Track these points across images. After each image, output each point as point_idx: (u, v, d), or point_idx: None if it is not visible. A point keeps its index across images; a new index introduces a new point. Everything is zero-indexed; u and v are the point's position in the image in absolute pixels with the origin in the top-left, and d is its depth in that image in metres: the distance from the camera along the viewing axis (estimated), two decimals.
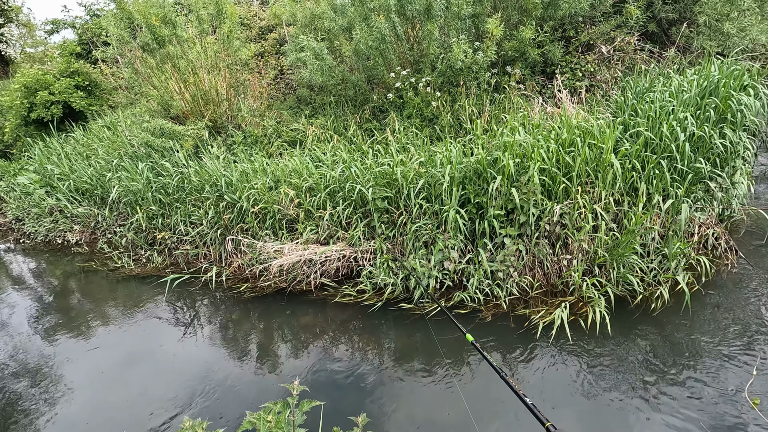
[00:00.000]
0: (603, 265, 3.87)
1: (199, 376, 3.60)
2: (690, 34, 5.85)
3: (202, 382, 3.53)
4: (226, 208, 4.83)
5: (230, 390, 3.41)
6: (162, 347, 4.00)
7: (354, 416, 1.86)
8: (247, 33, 9.54)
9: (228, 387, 3.45)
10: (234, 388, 3.43)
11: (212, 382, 3.53)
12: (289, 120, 6.22)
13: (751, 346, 3.21)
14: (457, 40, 5.12)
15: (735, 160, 4.30)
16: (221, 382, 3.52)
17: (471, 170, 4.12)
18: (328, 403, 3.20)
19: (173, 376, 3.62)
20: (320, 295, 4.34)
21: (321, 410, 2.53)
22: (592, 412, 2.88)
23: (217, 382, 3.53)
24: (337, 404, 3.20)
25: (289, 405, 1.41)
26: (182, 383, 3.55)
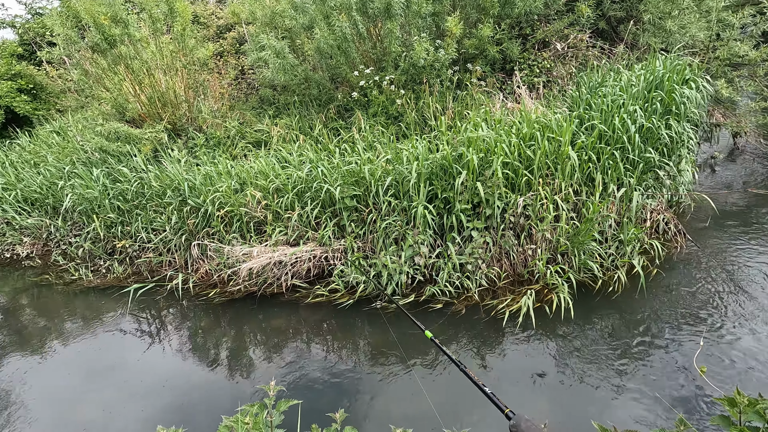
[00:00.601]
0: (565, 253, 4.04)
1: (168, 388, 3.50)
2: (637, 31, 6.19)
3: (172, 394, 3.43)
4: (190, 212, 4.70)
5: (203, 399, 3.34)
6: (127, 361, 3.85)
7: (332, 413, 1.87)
8: (204, 32, 9.25)
9: (200, 396, 3.37)
10: (207, 397, 3.35)
11: (183, 392, 3.44)
12: (253, 121, 6.11)
13: (699, 319, 3.45)
14: (418, 38, 5.18)
15: (680, 149, 4.60)
16: (192, 391, 3.43)
17: (437, 166, 4.20)
18: (305, 404, 3.19)
19: (140, 390, 3.49)
20: (292, 296, 4.30)
21: (299, 409, 2.52)
22: (559, 390, 3.01)
23: (187, 391, 3.43)
24: (314, 404, 3.19)
25: (266, 406, 1.40)
26: (150, 396, 3.43)
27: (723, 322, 3.40)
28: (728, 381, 2.89)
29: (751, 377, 2.89)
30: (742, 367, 2.98)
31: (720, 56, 5.53)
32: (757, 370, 2.94)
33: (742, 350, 3.12)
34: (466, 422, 2.83)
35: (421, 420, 2.96)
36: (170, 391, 3.46)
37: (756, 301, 3.57)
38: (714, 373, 2.95)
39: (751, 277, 3.87)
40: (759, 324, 3.34)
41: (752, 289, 3.72)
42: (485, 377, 3.25)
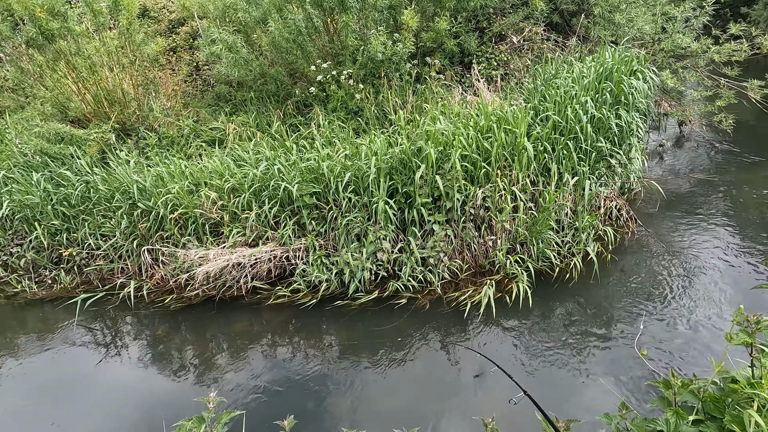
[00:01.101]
0: (524, 243, 4.12)
1: (123, 401, 3.33)
2: (588, 24, 6.37)
3: (127, 408, 3.27)
4: (141, 216, 4.47)
5: (161, 412, 3.19)
6: (77, 374, 3.64)
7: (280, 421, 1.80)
8: (155, 26, 8.83)
9: (158, 409, 3.23)
10: (166, 410, 3.21)
11: (138, 406, 3.28)
12: (208, 118, 5.88)
13: (646, 303, 3.60)
14: (375, 32, 5.12)
15: (630, 138, 4.77)
16: (148, 404, 3.28)
17: (397, 161, 4.17)
18: (271, 408, 3.11)
19: (91, 405, 3.31)
20: (253, 299, 4.19)
21: (243, 420, 2.46)
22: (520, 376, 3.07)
23: (143, 405, 3.28)
24: (281, 408, 3.12)
25: (205, 420, 1.33)
26: (102, 411, 3.26)
27: (668, 305, 3.56)
28: (670, 362, 3.02)
29: (691, 357, 3.04)
30: (683, 347, 3.13)
31: (665, 48, 5.77)
32: (696, 350, 3.09)
33: (683, 331, 3.28)
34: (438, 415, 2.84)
35: (386, 415, 2.94)
36: (125, 405, 3.29)
37: (699, 283, 3.76)
38: (657, 354, 3.08)
39: (695, 259, 4.07)
40: (701, 305, 3.52)
41: (696, 271, 3.92)
42: (448, 369, 3.26)
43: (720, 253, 4.10)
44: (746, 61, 5.73)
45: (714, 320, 3.32)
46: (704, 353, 3.02)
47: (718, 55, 5.57)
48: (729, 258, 4.02)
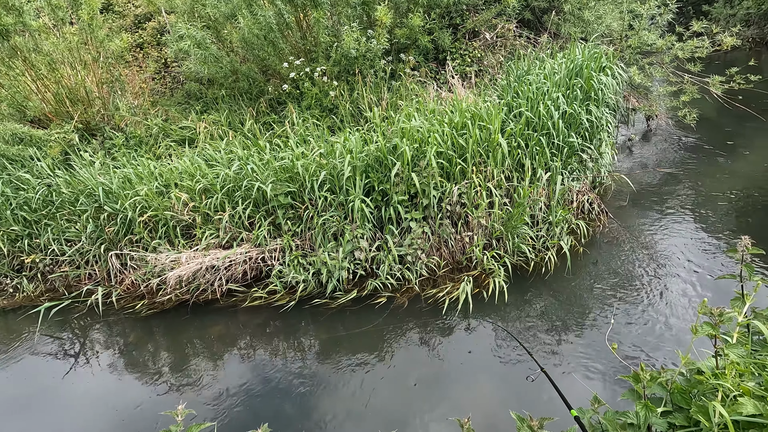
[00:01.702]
0: (500, 238, 4.17)
1: (91, 414, 3.20)
2: (559, 21, 6.47)
3: (95, 420, 3.14)
4: (109, 219, 4.30)
5: (134, 424, 3.08)
6: (42, 387, 3.48)
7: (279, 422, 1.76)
8: (120, 21, 8.49)
9: (130, 421, 3.11)
10: (138, 422, 3.10)
11: (108, 418, 3.16)
12: (178, 117, 5.70)
13: (619, 294, 3.70)
14: (348, 28, 5.06)
15: (600, 133, 4.88)
16: (118, 416, 3.16)
17: (372, 158, 4.14)
18: (249, 414, 3.05)
19: (57, 419, 3.17)
20: (228, 302, 4.09)
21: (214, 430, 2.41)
22: (497, 371, 3.11)
23: (112, 417, 3.16)
24: (259, 413, 3.06)
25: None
26: (69, 425, 3.12)
27: (638, 296, 3.67)
28: (641, 354, 3.12)
29: (660, 348, 3.14)
30: (653, 339, 3.23)
31: (632, 45, 5.92)
32: (665, 341, 3.20)
33: (653, 323, 3.38)
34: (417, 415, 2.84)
35: (369, 418, 2.93)
36: (93, 419, 3.17)
37: (668, 274, 3.89)
38: (628, 347, 3.17)
39: (664, 250, 4.21)
40: (670, 296, 3.63)
41: (665, 262, 4.05)
42: (428, 365, 3.27)
43: (687, 244, 4.25)
44: (708, 58, 5.94)
45: (682, 311, 3.43)
46: (673, 344, 3.12)
47: (682, 51, 5.75)
48: (695, 249, 4.17)
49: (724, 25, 9.61)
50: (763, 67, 9.53)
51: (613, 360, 3.00)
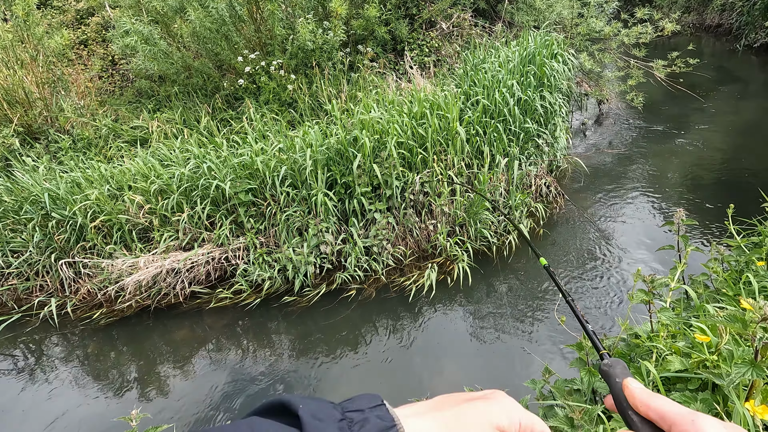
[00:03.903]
0: (463, 225, 4.26)
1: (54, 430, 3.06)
2: (512, 10, 6.61)
3: None
4: (57, 227, 4.09)
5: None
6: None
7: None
8: (60, 17, 8.00)
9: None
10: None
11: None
12: (129, 116, 5.46)
13: (575, 271, 3.87)
14: (303, 19, 4.99)
15: (555, 118, 5.05)
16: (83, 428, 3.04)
17: (333, 151, 4.12)
18: (220, 416, 3.00)
19: None
20: (193, 304, 3.99)
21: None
22: (468, 350, 3.20)
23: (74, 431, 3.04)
24: (230, 415, 3.02)
25: None
26: None
27: (593, 271, 3.85)
28: (593, 324, 3.28)
29: (611, 317, 3.32)
30: (604, 309, 3.41)
31: (581, 32, 6.13)
32: (617, 311, 3.38)
33: (605, 293, 3.57)
34: None
35: None
36: None
37: (620, 248, 4.10)
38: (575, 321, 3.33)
39: (617, 227, 4.43)
40: (622, 268, 3.84)
41: (617, 238, 4.26)
42: (399, 352, 3.32)
43: (638, 219, 4.49)
44: (652, 43, 6.24)
45: (632, 282, 3.63)
46: (623, 313, 3.30)
47: (627, 37, 6.01)
48: (645, 223, 4.42)
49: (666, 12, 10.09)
50: (702, 51, 10.11)
51: (564, 331, 3.15)
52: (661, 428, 0.44)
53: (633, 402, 0.47)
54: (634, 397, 0.47)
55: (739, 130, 6.26)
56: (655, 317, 1.39)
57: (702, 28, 11.51)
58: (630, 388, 0.48)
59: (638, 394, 0.47)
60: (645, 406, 0.46)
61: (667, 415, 0.43)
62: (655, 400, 0.45)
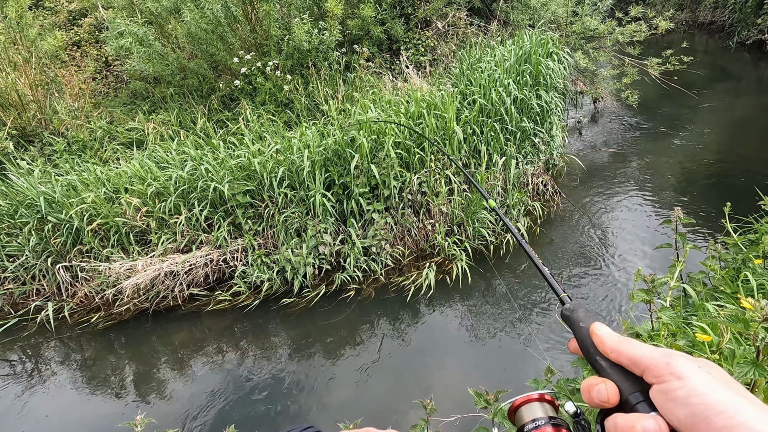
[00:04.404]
0: (461, 224, 4.27)
1: None
2: (507, 9, 6.63)
3: None
4: (54, 230, 4.06)
5: None
6: None
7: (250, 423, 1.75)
8: (52, 18, 7.93)
9: None
10: None
11: None
12: (124, 118, 5.43)
13: (573, 269, 3.90)
14: (299, 20, 4.97)
15: (551, 116, 5.07)
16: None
17: (331, 152, 4.12)
18: (219, 418, 3.00)
19: None
20: (191, 307, 3.98)
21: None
22: (468, 349, 3.21)
23: None
24: (229, 417, 3.01)
25: None
26: None
27: (591, 269, 3.88)
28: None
29: (611, 316, 3.34)
30: (603, 307, 3.43)
31: (576, 30, 6.16)
32: (616, 309, 3.41)
33: (604, 292, 3.59)
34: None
35: (341, 410, 2.95)
36: None
37: (617, 246, 4.13)
38: None
39: (614, 225, 4.45)
40: (620, 266, 3.86)
41: (614, 236, 4.29)
42: (398, 352, 3.33)
43: (635, 217, 4.52)
44: (646, 41, 6.27)
45: (630, 280, 3.66)
46: (622, 312, 3.33)
47: (622, 35, 6.04)
48: (643, 222, 4.44)
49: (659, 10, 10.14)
50: (695, 48, 10.17)
51: (564, 330, 3.17)
52: (634, 373, 0.42)
53: (602, 348, 0.44)
54: (603, 342, 0.44)
55: (733, 127, 6.31)
56: (655, 316, 1.40)
57: (695, 26, 11.59)
58: (598, 333, 0.45)
59: (607, 340, 0.44)
60: (615, 352, 0.43)
61: (639, 359, 0.41)
62: (626, 345, 0.43)
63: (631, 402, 0.41)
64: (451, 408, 2.46)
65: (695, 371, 0.38)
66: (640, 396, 0.41)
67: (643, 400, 0.40)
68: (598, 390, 0.42)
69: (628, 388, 0.42)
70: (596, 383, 0.43)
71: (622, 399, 0.42)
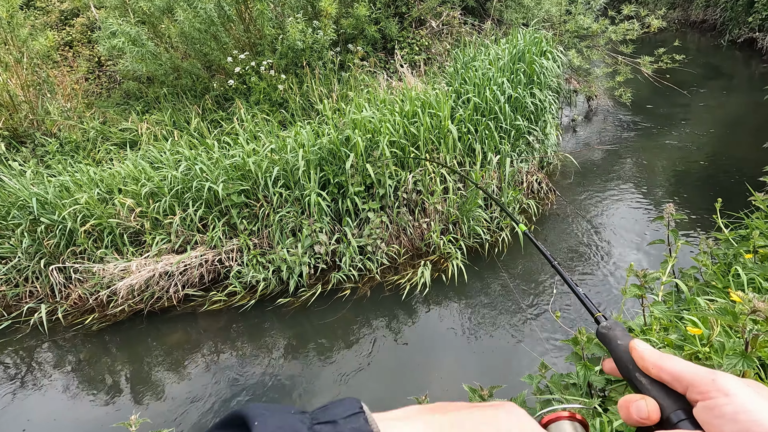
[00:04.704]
0: (456, 222, 4.28)
1: None
2: (501, 7, 6.64)
3: None
4: (47, 231, 4.03)
5: None
6: None
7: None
8: (44, 18, 7.86)
9: None
10: None
11: None
12: (117, 119, 5.40)
13: (568, 266, 3.92)
14: (293, 19, 4.96)
15: (545, 115, 5.09)
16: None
17: (326, 151, 4.11)
18: (216, 418, 2.99)
19: None
20: (186, 307, 3.97)
21: None
22: (464, 347, 3.22)
23: None
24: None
25: None
26: None
27: (585, 266, 3.90)
28: (586, 319, 3.33)
29: (605, 311, 3.37)
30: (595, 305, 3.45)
31: (570, 29, 6.19)
32: (610, 305, 3.43)
33: (597, 288, 3.62)
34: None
35: None
36: None
37: (611, 243, 4.15)
38: (576, 313, 3.38)
39: (607, 222, 4.48)
40: (613, 263, 3.89)
41: (608, 233, 4.32)
42: (395, 350, 3.34)
43: (628, 214, 4.55)
44: (639, 39, 6.32)
45: (622, 275, 3.68)
46: (616, 307, 3.35)
47: (615, 34, 6.08)
48: (634, 218, 4.48)
49: (651, 8, 10.21)
50: (687, 46, 10.25)
51: (559, 327, 3.19)
52: (676, 390, 0.41)
53: (643, 364, 0.43)
54: (644, 358, 0.44)
55: (725, 125, 6.37)
56: (648, 311, 1.41)
57: (687, 24, 11.68)
58: (639, 349, 0.45)
59: (648, 356, 0.43)
60: (657, 368, 0.42)
61: (682, 375, 0.40)
62: (668, 360, 0.42)
63: (672, 420, 0.40)
64: None
65: (742, 388, 0.37)
66: (682, 414, 0.39)
67: (685, 419, 0.39)
68: (637, 406, 0.41)
69: (670, 406, 0.40)
70: (635, 399, 0.42)
71: (663, 417, 0.40)
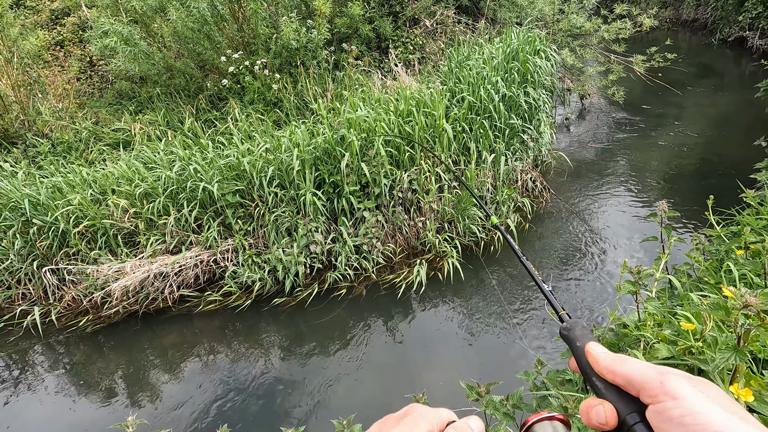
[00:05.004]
0: (451, 221, 4.29)
1: None
2: (495, 6, 6.67)
3: None
4: (39, 233, 3.99)
5: None
6: None
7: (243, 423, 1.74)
8: (34, 18, 7.77)
9: None
10: None
11: None
12: (110, 119, 5.35)
13: (562, 263, 3.95)
14: (287, 18, 4.95)
15: (539, 113, 5.11)
16: None
17: (321, 150, 4.11)
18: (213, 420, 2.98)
19: None
20: (182, 308, 3.95)
21: None
22: (460, 344, 3.24)
23: None
24: (222, 418, 3.00)
25: None
26: None
27: (579, 263, 3.93)
28: (581, 315, 3.35)
29: (598, 309, 3.39)
30: (591, 299, 3.48)
31: (563, 28, 6.22)
32: (603, 301, 3.46)
33: (591, 285, 3.65)
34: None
35: (335, 408, 2.96)
36: None
37: (604, 240, 4.19)
38: (571, 311, 3.41)
39: (601, 219, 4.52)
40: (606, 259, 3.92)
41: (601, 230, 4.35)
42: (391, 348, 3.35)
43: (621, 212, 4.59)
44: (631, 38, 6.36)
45: (616, 272, 3.72)
46: (610, 304, 3.38)
47: (607, 33, 6.12)
48: (628, 215, 4.52)
49: (644, 8, 10.29)
50: (679, 45, 10.34)
51: (554, 323, 3.21)
52: (630, 393, 0.41)
53: (597, 368, 0.43)
54: (598, 363, 0.43)
55: (716, 123, 6.43)
56: (641, 307, 1.43)
57: (678, 23, 11.78)
58: (593, 354, 0.44)
59: (602, 360, 0.43)
60: (611, 373, 0.42)
61: (634, 379, 0.40)
62: (620, 364, 0.41)
63: (628, 423, 0.40)
64: (444, 401, 2.48)
65: (690, 390, 0.37)
66: (636, 417, 0.40)
67: (639, 421, 0.40)
68: (596, 412, 0.41)
69: (625, 409, 0.41)
70: (594, 405, 0.42)
71: (620, 420, 0.41)
